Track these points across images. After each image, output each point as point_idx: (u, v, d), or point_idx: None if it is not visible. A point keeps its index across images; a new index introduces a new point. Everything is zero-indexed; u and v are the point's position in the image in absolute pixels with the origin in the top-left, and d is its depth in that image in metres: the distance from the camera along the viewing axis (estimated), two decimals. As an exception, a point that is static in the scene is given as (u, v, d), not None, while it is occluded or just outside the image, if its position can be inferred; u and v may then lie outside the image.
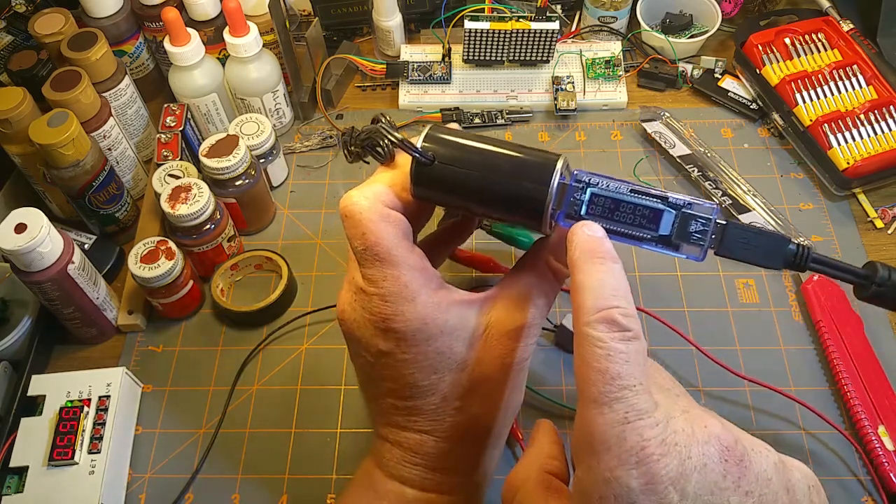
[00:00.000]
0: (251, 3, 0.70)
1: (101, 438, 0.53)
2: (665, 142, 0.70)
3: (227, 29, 0.67)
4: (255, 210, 0.67)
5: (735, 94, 0.75)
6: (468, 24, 0.72)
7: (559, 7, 0.82)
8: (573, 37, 0.81)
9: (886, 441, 0.53)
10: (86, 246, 0.65)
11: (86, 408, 0.54)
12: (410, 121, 0.75)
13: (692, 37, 0.78)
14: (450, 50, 0.77)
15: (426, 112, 0.75)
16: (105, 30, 0.66)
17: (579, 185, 0.37)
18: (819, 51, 0.74)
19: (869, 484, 0.52)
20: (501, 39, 0.73)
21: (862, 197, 0.68)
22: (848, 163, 0.66)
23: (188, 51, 0.65)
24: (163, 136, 0.65)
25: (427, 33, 0.81)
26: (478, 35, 0.72)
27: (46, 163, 0.59)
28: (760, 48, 0.74)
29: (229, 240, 0.63)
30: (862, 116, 0.68)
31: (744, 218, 0.65)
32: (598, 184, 0.37)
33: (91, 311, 0.59)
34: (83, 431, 0.53)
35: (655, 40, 0.79)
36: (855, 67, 0.71)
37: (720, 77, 0.77)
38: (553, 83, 0.75)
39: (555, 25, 0.72)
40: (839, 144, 0.67)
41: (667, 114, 0.73)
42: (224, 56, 0.70)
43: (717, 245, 0.37)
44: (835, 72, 0.71)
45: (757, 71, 0.73)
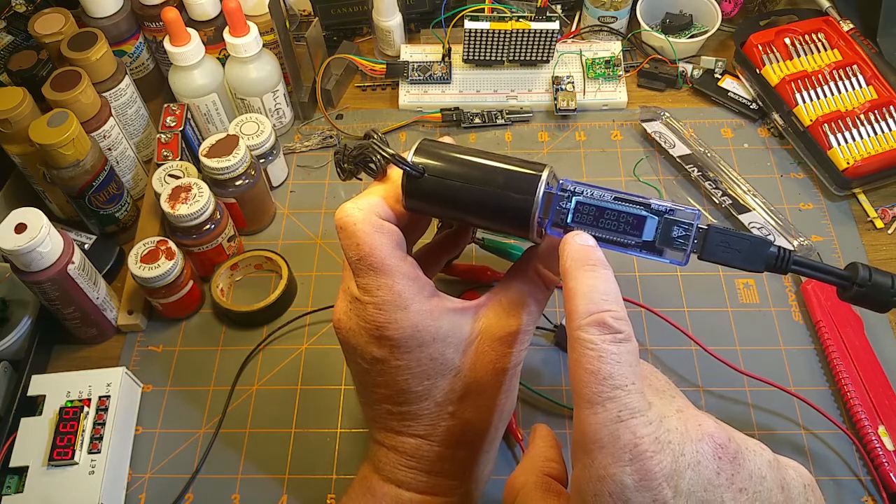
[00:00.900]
0: (251, 3, 0.70)
1: (101, 438, 0.53)
2: (665, 142, 0.70)
3: (227, 29, 0.67)
4: (255, 210, 0.67)
5: (735, 94, 0.75)
6: (468, 24, 0.72)
7: (559, 7, 0.82)
8: (573, 37, 0.81)
9: (886, 441, 0.53)
10: (86, 246, 0.65)
11: (86, 408, 0.54)
12: (410, 121, 0.75)
13: (692, 37, 0.78)
14: (450, 50, 0.77)
15: (426, 112, 0.75)
16: (105, 30, 0.66)
17: (565, 195, 0.38)
18: (819, 51, 0.74)
19: (869, 484, 0.52)
20: (501, 39, 0.73)
21: (862, 197, 0.68)
22: (848, 163, 0.66)
23: (188, 51, 0.66)
24: (163, 136, 0.65)
25: (427, 33, 0.81)
26: (478, 35, 0.72)
27: (46, 163, 0.59)
28: (760, 48, 0.74)
29: (229, 240, 0.63)
30: (862, 116, 0.68)
31: (744, 218, 0.65)
32: (583, 192, 0.38)
33: (91, 311, 0.59)
34: (83, 431, 0.53)
35: (655, 40, 0.79)
36: (855, 67, 0.71)
37: (720, 77, 0.77)
38: (553, 83, 0.75)
39: (555, 25, 0.72)
40: (839, 144, 0.67)
41: (667, 114, 0.73)
42: (224, 56, 0.70)
43: (700, 250, 0.38)
44: (835, 72, 0.71)
45: (757, 71, 0.73)
